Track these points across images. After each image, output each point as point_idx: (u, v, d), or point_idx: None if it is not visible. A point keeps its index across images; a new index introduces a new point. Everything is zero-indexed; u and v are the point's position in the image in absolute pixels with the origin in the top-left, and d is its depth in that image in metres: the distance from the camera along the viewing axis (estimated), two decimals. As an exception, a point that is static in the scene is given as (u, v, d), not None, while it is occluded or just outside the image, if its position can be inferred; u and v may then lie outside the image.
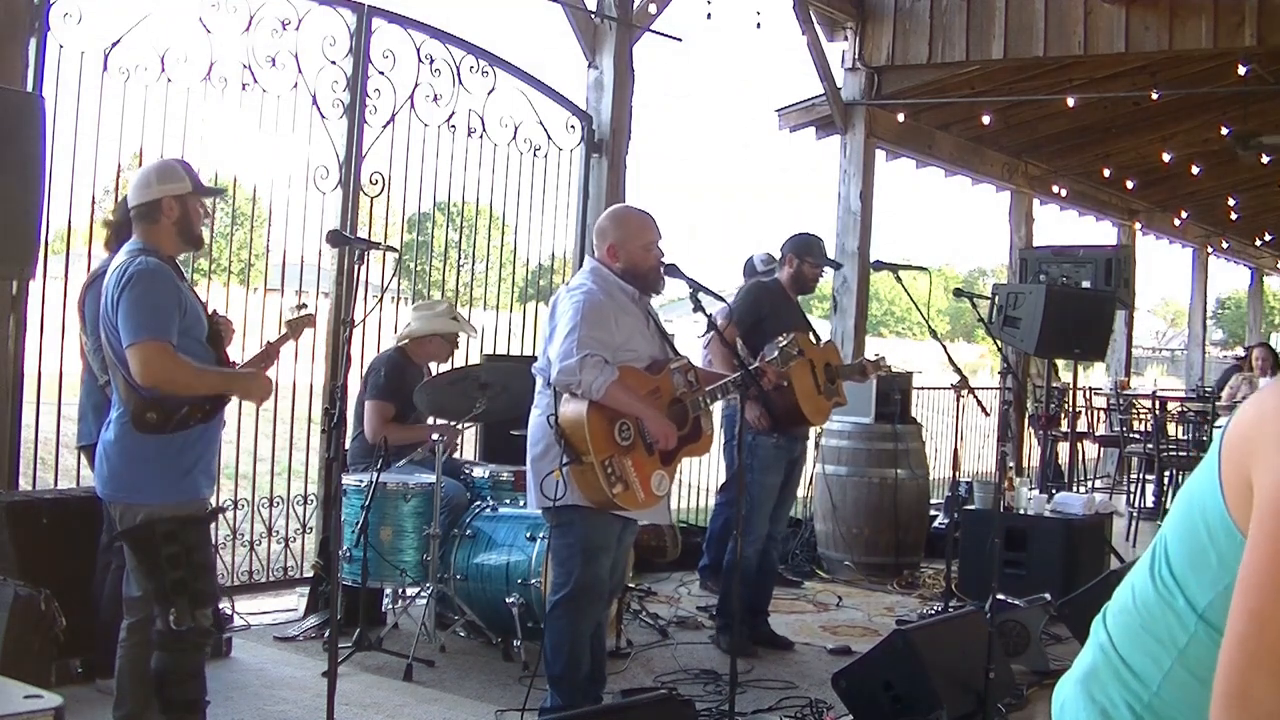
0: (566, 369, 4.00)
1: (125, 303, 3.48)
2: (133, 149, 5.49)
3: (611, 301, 4.20)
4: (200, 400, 3.59)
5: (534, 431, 4.23)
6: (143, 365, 3.45)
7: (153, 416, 3.50)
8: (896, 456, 7.61)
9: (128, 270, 3.53)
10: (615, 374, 4.03)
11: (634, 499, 4.11)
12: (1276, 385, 1.30)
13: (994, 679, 4.52)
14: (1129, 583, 1.45)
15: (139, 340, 3.45)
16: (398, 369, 5.88)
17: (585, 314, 4.08)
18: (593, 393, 4.00)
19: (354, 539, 5.32)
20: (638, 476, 4.11)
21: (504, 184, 7.13)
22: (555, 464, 4.04)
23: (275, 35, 5.83)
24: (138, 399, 3.50)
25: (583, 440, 4.00)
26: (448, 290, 7.38)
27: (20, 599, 4.00)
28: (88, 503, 4.56)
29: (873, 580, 7.49)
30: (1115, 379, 13.38)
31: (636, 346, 4.23)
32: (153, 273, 3.52)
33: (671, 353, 4.39)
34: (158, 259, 3.57)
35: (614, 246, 4.30)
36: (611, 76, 7.41)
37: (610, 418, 4.06)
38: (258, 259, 6.76)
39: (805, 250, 5.89)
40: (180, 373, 3.52)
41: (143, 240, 3.65)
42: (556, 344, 4.07)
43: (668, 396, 4.27)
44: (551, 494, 4.01)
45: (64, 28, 5.08)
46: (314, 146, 6.09)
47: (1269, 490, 1.20)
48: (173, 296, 3.54)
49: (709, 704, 4.78)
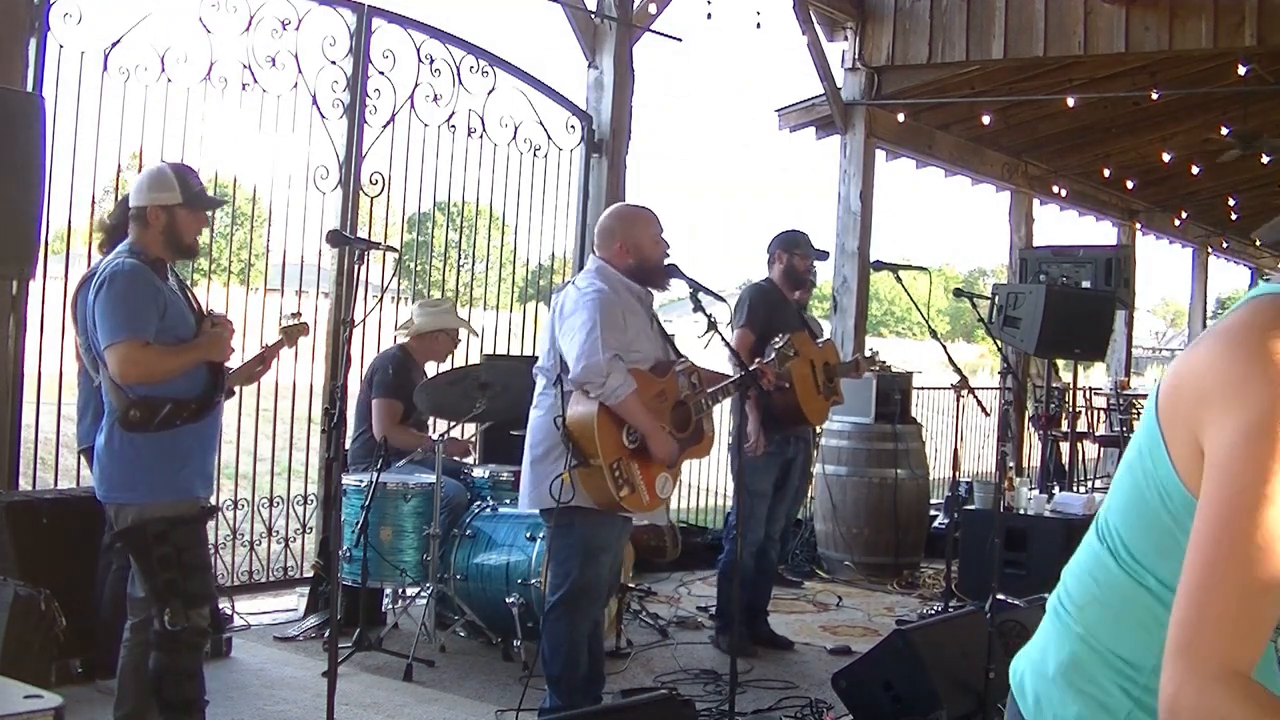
0: (593, 367, 3.98)
1: (100, 304, 3.50)
2: (133, 149, 5.49)
3: (620, 302, 4.20)
4: (185, 399, 3.58)
5: (535, 432, 4.22)
6: (120, 364, 3.47)
7: (136, 414, 3.51)
8: (896, 456, 7.61)
9: (105, 272, 3.55)
10: (634, 384, 4.04)
11: (639, 502, 4.12)
12: (1203, 339, 1.30)
13: (994, 679, 4.51)
14: (1085, 571, 1.45)
15: (116, 341, 3.47)
16: (403, 367, 5.89)
17: (604, 313, 4.07)
18: (613, 396, 3.99)
19: (354, 539, 5.32)
20: (643, 479, 4.11)
21: (504, 184, 7.14)
22: (559, 465, 4.03)
23: (275, 35, 5.83)
24: (122, 397, 3.51)
25: (591, 442, 4.00)
26: (448, 290, 7.38)
27: (20, 599, 4.00)
28: (88, 503, 4.55)
29: (873, 580, 7.49)
30: (1115, 379, 13.39)
31: (642, 347, 4.23)
32: (128, 273, 3.53)
33: (674, 354, 4.39)
34: (138, 260, 3.58)
35: (624, 244, 4.29)
36: (611, 76, 7.41)
37: (619, 421, 4.07)
38: (258, 259, 6.76)
39: (792, 244, 5.92)
40: (157, 365, 3.53)
41: (133, 241, 3.66)
42: (573, 342, 4.04)
43: (673, 399, 4.27)
44: (560, 497, 4.00)
45: (64, 28, 5.08)
46: (314, 146, 6.10)
47: (1220, 451, 1.20)
48: (149, 295, 3.54)
49: (709, 704, 4.78)
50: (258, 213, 6.26)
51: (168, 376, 3.55)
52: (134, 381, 3.49)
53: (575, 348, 4.03)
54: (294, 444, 6.68)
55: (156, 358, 3.52)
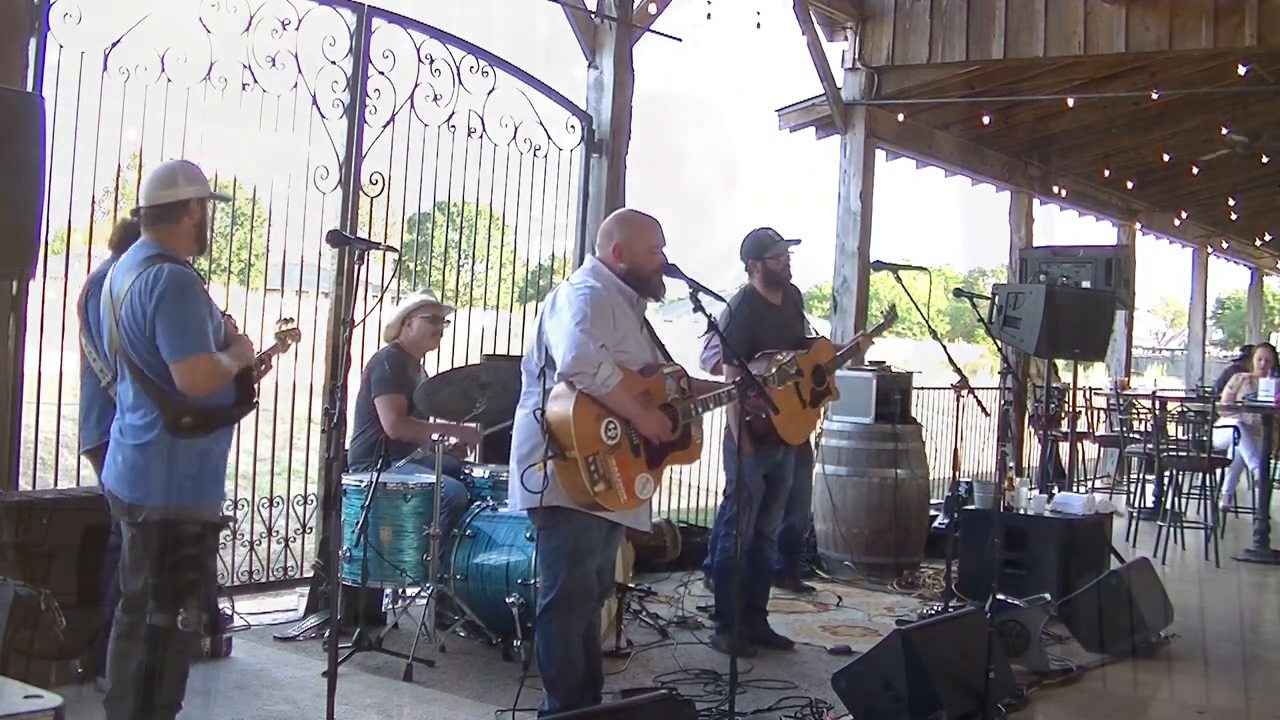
0: (584, 358, 3.96)
1: (165, 316, 3.52)
2: (133, 149, 5.49)
3: (612, 300, 4.20)
4: (226, 406, 3.68)
5: (521, 430, 4.23)
6: (191, 379, 3.53)
7: (189, 421, 3.57)
8: (896, 456, 7.61)
9: (163, 280, 3.54)
10: (621, 375, 4.04)
11: (615, 499, 4.08)
12: None
13: (994, 679, 4.52)
14: None
15: (186, 356, 3.52)
16: (398, 363, 5.88)
17: (594, 307, 4.08)
18: (601, 386, 3.99)
19: (354, 539, 5.32)
20: (621, 477, 4.09)
21: (504, 184, 7.13)
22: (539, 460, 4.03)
23: (275, 35, 5.83)
24: (173, 406, 3.54)
25: (568, 435, 3.99)
26: (447, 290, 7.38)
27: (20, 599, 4.00)
28: (88, 502, 4.57)
29: (873, 580, 7.49)
30: (1115, 379, 13.38)
31: (630, 349, 4.22)
32: (190, 283, 3.58)
33: (664, 358, 4.39)
34: (183, 265, 3.60)
35: (620, 246, 4.30)
36: (611, 76, 7.41)
37: (598, 415, 4.05)
38: (258, 259, 6.76)
39: (759, 249, 5.85)
40: (221, 376, 3.61)
41: (158, 242, 3.65)
42: (564, 334, 4.03)
43: (659, 400, 4.26)
44: (534, 486, 3.99)
45: (64, 28, 5.08)
46: (314, 146, 6.10)
47: None
48: (206, 305, 3.61)
49: (709, 704, 4.78)
50: (258, 213, 6.26)
51: (224, 386, 3.62)
52: (204, 394, 3.58)
53: (565, 339, 4.02)
54: (294, 444, 6.67)
55: (225, 370, 3.59)
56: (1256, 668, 6.01)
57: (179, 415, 3.54)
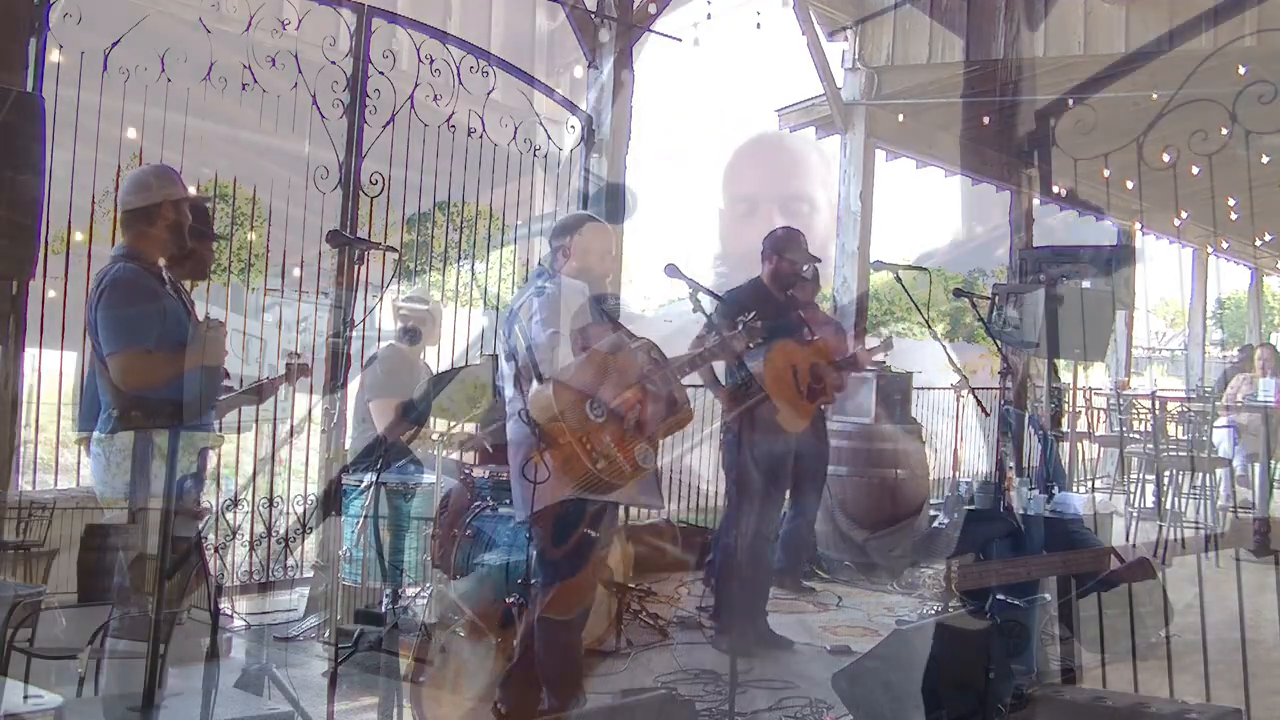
0: (540, 346, 4.05)
1: (102, 312, 3.55)
2: (133, 149, 5.49)
3: (562, 295, 4.24)
4: (180, 403, 3.63)
5: (514, 435, 4.23)
6: (123, 373, 3.55)
7: (137, 415, 3.57)
8: (896, 456, 7.60)
9: (106, 279, 3.60)
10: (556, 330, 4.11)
11: (620, 472, 4.07)
12: None
13: (994, 679, 4.52)
14: None
15: (117, 350, 3.51)
16: (392, 364, 5.87)
17: (546, 305, 4.16)
18: (545, 342, 4.05)
19: (354, 539, 5.32)
20: (620, 451, 4.08)
21: (504, 184, 7.13)
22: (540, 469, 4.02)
23: (275, 35, 5.83)
24: (123, 399, 3.55)
25: (555, 421, 3.98)
26: (448, 290, 7.38)
27: (20, 599, 4.00)
28: (88, 502, 4.57)
29: (873, 580, 7.49)
30: (1115, 379, 13.38)
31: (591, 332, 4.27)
32: (129, 281, 3.58)
33: (629, 336, 4.37)
34: (137, 265, 3.60)
35: (564, 249, 4.39)
36: (611, 76, 7.41)
37: (580, 396, 4.05)
38: (258, 259, 6.75)
39: (782, 246, 5.90)
40: (158, 373, 3.59)
41: (129, 244, 3.68)
42: (528, 335, 4.13)
43: (633, 373, 4.23)
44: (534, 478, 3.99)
45: (64, 28, 5.07)
46: (314, 146, 6.09)
47: None
48: (150, 302, 3.59)
49: (709, 704, 4.78)
50: (258, 213, 6.25)
51: (168, 382, 3.58)
52: (135, 389, 3.55)
53: (529, 339, 4.10)
54: (294, 444, 6.67)
55: (157, 365, 3.57)
56: (1256, 668, 6.00)
57: (127, 409, 3.58)
